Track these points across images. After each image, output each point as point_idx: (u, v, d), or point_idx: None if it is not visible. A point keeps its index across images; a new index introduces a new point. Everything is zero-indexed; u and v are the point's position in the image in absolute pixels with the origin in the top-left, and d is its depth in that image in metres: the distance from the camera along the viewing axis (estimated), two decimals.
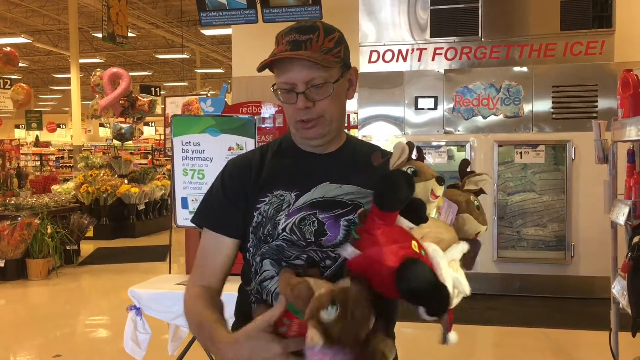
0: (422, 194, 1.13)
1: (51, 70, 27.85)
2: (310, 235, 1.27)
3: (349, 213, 1.28)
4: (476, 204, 1.24)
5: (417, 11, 6.36)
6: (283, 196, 1.31)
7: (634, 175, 3.13)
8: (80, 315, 5.93)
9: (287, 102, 1.30)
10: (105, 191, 9.92)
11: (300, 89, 1.28)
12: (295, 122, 1.32)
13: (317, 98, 1.29)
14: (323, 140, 1.36)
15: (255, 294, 1.32)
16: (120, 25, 9.80)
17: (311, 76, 1.27)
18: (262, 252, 1.30)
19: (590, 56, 5.94)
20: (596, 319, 5.03)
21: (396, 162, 1.16)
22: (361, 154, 1.40)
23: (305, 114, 1.29)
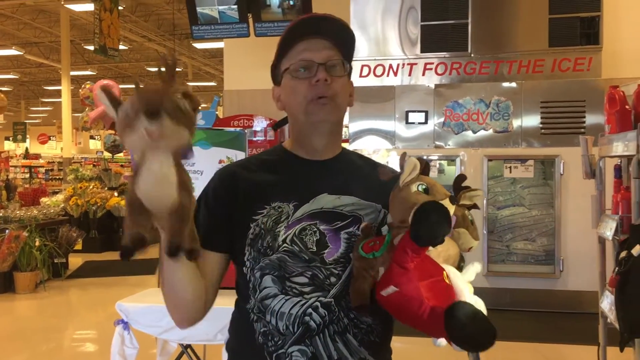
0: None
1: (42, 82, 27.77)
2: (313, 245, 1.24)
3: (349, 225, 1.26)
4: (470, 218, 1.24)
5: (407, 27, 6.42)
6: (281, 207, 1.27)
7: (621, 191, 3.16)
8: (67, 329, 5.88)
9: (304, 78, 1.28)
10: (94, 204, 9.87)
11: (320, 62, 1.27)
12: (308, 103, 1.28)
13: (334, 74, 1.28)
14: (332, 128, 1.33)
15: (257, 313, 1.26)
16: (112, 38, 9.81)
17: (329, 54, 1.28)
18: (261, 266, 1.25)
19: (578, 72, 6.01)
20: (585, 333, 5.03)
21: (406, 179, 1.14)
22: (356, 164, 1.40)
23: (323, 89, 1.27)
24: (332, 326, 1.23)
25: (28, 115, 34.57)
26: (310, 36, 1.29)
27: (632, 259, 2.35)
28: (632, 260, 2.35)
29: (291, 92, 1.31)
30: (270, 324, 1.24)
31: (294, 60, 1.29)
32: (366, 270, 1.14)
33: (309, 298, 1.23)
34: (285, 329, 1.22)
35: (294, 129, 1.37)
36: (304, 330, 1.22)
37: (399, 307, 1.05)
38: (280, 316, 1.23)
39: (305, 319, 1.22)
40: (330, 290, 1.23)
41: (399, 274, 1.05)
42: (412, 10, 6.39)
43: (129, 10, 17.15)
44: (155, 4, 17.44)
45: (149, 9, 18.14)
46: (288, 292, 1.23)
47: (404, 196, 1.13)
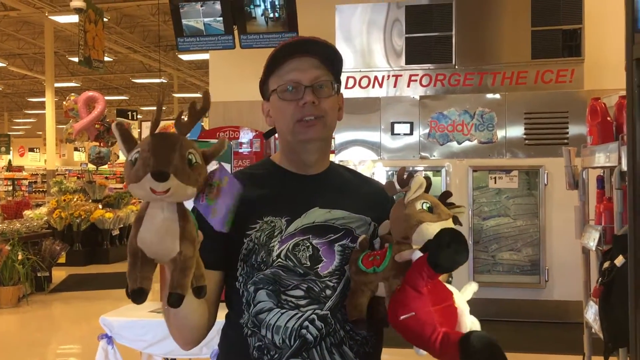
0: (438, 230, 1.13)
1: (26, 94, 27.55)
2: (306, 260, 1.25)
3: (342, 238, 1.28)
4: None
5: (392, 38, 6.46)
6: (274, 222, 1.28)
7: (604, 201, 3.19)
8: (50, 344, 5.79)
9: (291, 99, 1.28)
10: (78, 216, 9.76)
11: (307, 84, 1.28)
12: (295, 123, 1.29)
13: (322, 96, 1.29)
14: (319, 145, 1.34)
15: (252, 327, 1.26)
16: (97, 50, 9.77)
17: (317, 74, 1.29)
18: (254, 281, 1.25)
19: (560, 84, 6.08)
20: (570, 343, 5.05)
21: (412, 196, 1.15)
22: (345, 178, 1.41)
23: (311, 110, 1.28)
24: (329, 338, 1.24)
25: (11, 127, 34.23)
26: (298, 55, 1.30)
27: (616, 270, 2.37)
28: (616, 271, 2.37)
29: (279, 113, 1.32)
30: (265, 338, 1.24)
31: (281, 80, 1.30)
32: (365, 285, 1.16)
33: (305, 311, 1.23)
34: (281, 343, 1.23)
35: (283, 145, 1.38)
36: (301, 344, 1.23)
37: (412, 330, 1.06)
38: (276, 330, 1.23)
39: (302, 332, 1.23)
40: (326, 303, 1.24)
41: (414, 298, 1.06)
42: (396, 23, 6.44)
43: (114, 22, 17.10)
44: (141, 15, 17.41)
45: (134, 21, 18.10)
46: (284, 306, 1.24)
47: (409, 213, 1.14)
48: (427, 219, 1.12)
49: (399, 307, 1.08)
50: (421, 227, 1.12)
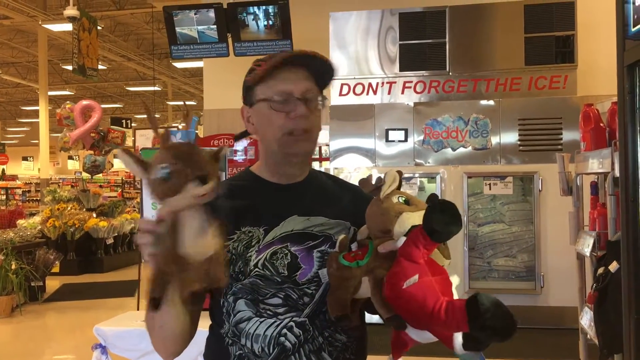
0: (418, 221, 1.13)
1: (19, 102, 27.49)
2: (284, 269, 1.25)
3: (321, 245, 1.28)
4: None
5: (386, 46, 6.48)
6: (251, 232, 1.28)
7: (598, 207, 3.20)
8: (44, 354, 5.74)
9: (282, 110, 1.27)
10: (72, 225, 9.72)
11: (299, 97, 1.27)
12: (283, 135, 1.28)
13: (311, 109, 1.29)
14: (305, 159, 1.34)
15: (232, 337, 1.27)
16: (91, 58, 9.77)
17: (308, 87, 1.29)
18: (234, 291, 1.26)
19: (554, 90, 6.10)
20: (566, 349, 5.05)
21: (387, 190, 1.17)
22: (324, 184, 1.41)
23: (301, 123, 1.27)
24: (307, 345, 1.24)
25: (5, 136, 34.13)
26: (291, 65, 1.30)
27: (610, 275, 2.37)
28: (610, 277, 2.37)
29: (267, 122, 1.31)
30: (245, 347, 1.25)
31: (272, 90, 1.29)
32: (347, 280, 1.15)
33: (283, 319, 1.24)
34: (260, 351, 1.23)
35: (265, 155, 1.38)
36: (280, 351, 1.23)
37: (415, 300, 1.04)
38: (255, 338, 1.24)
39: (280, 339, 1.23)
40: (304, 310, 1.24)
41: (413, 268, 1.06)
42: (390, 30, 6.46)
43: (108, 30, 17.11)
44: (135, 23, 17.43)
45: (128, 29, 18.12)
46: (262, 314, 1.25)
47: (387, 207, 1.15)
48: (406, 210, 1.14)
49: (399, 278, 1.07)
50: (402, 217, 1.13)
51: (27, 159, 25.35)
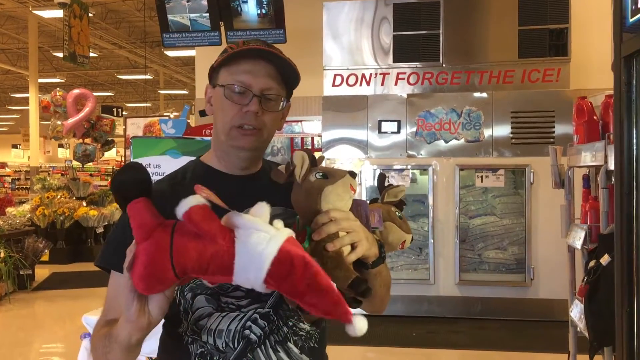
0: (342, 189, 1.13)
1: (9, 89, 27.24)
2: None
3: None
4: (398, 214, 1.29)
5: (380, 36, 6.45)
6: None
7: (590, 200, 3.20)
8: (33, 343, 5.72)
9: (237, 102, 1.25)
10: (62, 214, 9.66)
11: (256, 93, 1.25)
12: (231, 128, 1.26)
13: (266, 109, 1.26)
14: (252, 154, 1.32)
15: (191, 335, 1.23)
16: (82, 45, 9.67)
17: (269, 85, 1.26)
18: (191, 287, 1.22)
19: (547, 83, 6.10)
20: (555, 341, 5.09)
21: (301, 172, 1.14)
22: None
23: (251, 120, 1.25)
24: (273, 336, 1.23)
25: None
26: (258, 57, 1.26)
27: (601, 268, 2.37)
28: (601, 270, 2.38)
29: (220, 109, 1.29)
30: (207, 343, 1.21)
31: (232, 78, 1.26)
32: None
33: (247, 311, 1.22)
34: (224, 347, 1.21)
35: (215, 143, 1.36)
36: (245, 345, 1.21)
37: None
38: (219, 334, 1.21)
39: (245, 332, 1.21)
40: (267, 301, 1.22)
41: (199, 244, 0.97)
42: (384, 21, 6.43)
43: (99, 17, 16.95)
44: (126, 11, 17.27)
45: (120, 16, 17.95)
46: (224, 309, 1.22)
47: (307, 188, 1.13)
48: (327, 184, 1.12)
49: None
50: (325, 193, 1.11)
51: (16, 147, 25.15)
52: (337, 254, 1.10)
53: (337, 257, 1.10)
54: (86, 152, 10.24)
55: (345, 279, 1.07)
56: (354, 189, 1.15)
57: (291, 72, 1.29)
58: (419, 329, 5.66)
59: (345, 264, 1.10)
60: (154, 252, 0.93)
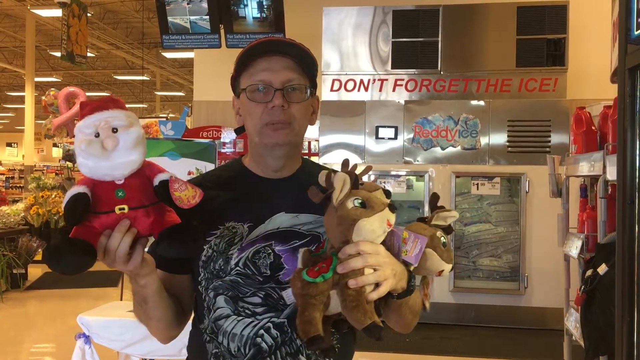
0: (378, 225, 1.07)
1: (5, 87, 27.12)
2: (266, 269, 1.21)
3: (307, 245, 1.22)
4: (443, 240, 1.20)
5: (378, 43, 6.47)
6: (235, 228, 1.24)
7: (587, 210, 3.22)
8: (25, 342, 5.68)
9: (261, 101, 1.24)
10: (56, 213, 9.62)
11: (278, 87, 1.24)
12: (262, 126, 1.25)
13: (292, 100, 1.25)
14: (287, 150, 1.29)
15: (210, 333, 1.24)
16: (80, 45, 9.65)
17: (289, 76, 1.25)
18: (214, 286, 1.23)
19: (544, 92, 6.13)
20: (549, 350, 5.10)
21: (340, 196, 1.07)
22: (316, 177, 1.36)
23: (278, 114, 1.23)
24: (285, 347, 1.20)
25: None
26: (272, 54, 1.26)
27: (598, 278, 2.39)
28: (598, 279, 2.39)
29: (247, 113, 1.29)
30: (222, 345, 1.22)
31: (252, 79, 1.26)
32: (314, 297, 1.06)
33: (262, 319, 1.21)
34: (236, 351, 1.20)
35: (251, 147, 1.35)
36: (256, 352, 1.20)
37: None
38: (232, 337, 1.21)
39: (257, 340, 1.20)
40: (283, 311, 1.21)
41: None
42: (383, 27, 6.45)
43: (97, 17, 16.92)
44: (125, 11, 17.25)
45: (118, 17, 17.93)
46: (240, 313, 1.21)
47: (342, 215, 1.07)
48: (362, 216, 1.05)
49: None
50: (359, 225, 1.05)
51: (11, 145, 25.04)
52: (359, 293, 1.05)
53: (358, 297, 1.04)
54: (69, 152, 10.21)
55: (361, 322, 1.04)
56: (390, 225, 1.09)
57: (307, 57, 1.29)
58: (412, 335, 5.66)
59: (364, 307, 1.04)
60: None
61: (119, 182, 1.06)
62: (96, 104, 1.08)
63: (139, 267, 1.11)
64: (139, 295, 1.19)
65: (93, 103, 1.08)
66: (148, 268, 1.14)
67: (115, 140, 1.03)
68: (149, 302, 1.19)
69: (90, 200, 1.04)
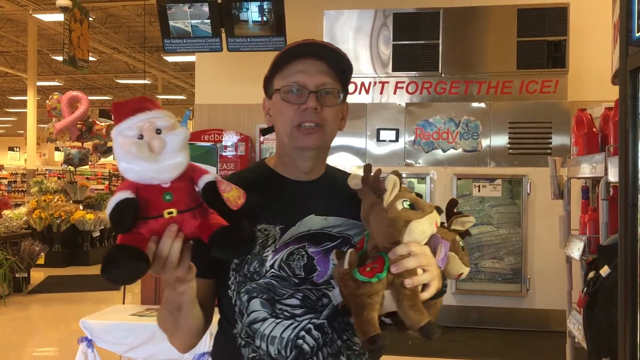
0: (428, 226, 1.10)
1: (7, 92, 27.18)
2: (300, 271, 1.22)
3: (339, 246, 1.24)
4: (461, 244, 1.23)
5: (379, 46, 6.48)
6: (267, 231, 1.24)
7: (588, 212, 3.22)
8: (27, 346, 5.69)
9: (294, 102, 1.25)
10: (58, 217, 9.63)
11: (312, 89, 1.24)
12: (293, 128, 1.25)
13: (325, 104, 1.26)
14: (317, 154, 1.30)
15: (245, 337, 1.23)
16: (82, 49, 9.67)
17: (324, 80, 1.26)
18: (247, 289, 1.22)
19: (545, 94, 6.14)
20: (551, 352, 5.09)
21: (390, 198, 1.10)
22: (341, 184, 1.34)
23: (311, 116, 1.24)
24: (326, 348, 1.21)
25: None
26: (308, 57, 1.27)
27: (601, 280, 2.39)
28: (601, 281, 2.39)
29: (279, 114, 1.29)
30: (260, 348, 1.21)
31: (287, 80, 1.27)
32: (371, 297, 1.07)
33: (301, 320, 1.20)
34: (277, 354, 1.20)
35: (280, 148, 1.35)
36: (297, 354, 1.20)
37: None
38: (272, 340, 1.20)
39: (298, 342, 1.20)
40: (322, 312, 1.21)
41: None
42: (384, 30, 6.46)
43: (99, 22, 16.96)
44: (126, 16, 17.29)
45: (120, 21, 17.97)
46: (279, 315, 1.21)
47: (393, 217, 1.09)
48: (414, 217, 1.09)
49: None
50: (410, 227, 1.08)
51: (13, 149, 25.07)
52: (414, 293, 1.07)
53: (414, 297, 1.06)
54: (69, 157, 10.22)
55: (418, 321, 1.05)
56: (437, 226, 1.13)
57: (342, 62, 1.29)
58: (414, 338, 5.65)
59: (420, 307, 1.06)
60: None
61: (165, 185, 1.01)
62: (136, 105, 1.02)
63: (186, 272, 1.08)
64: (174, 302, 1.15)
65: (131, 104, 1.03)
66: (192, 273, 1.11)
67: (162, 142, 0.99)
68: (183, 310, 1.16)
69: (139, 206, 1.00)
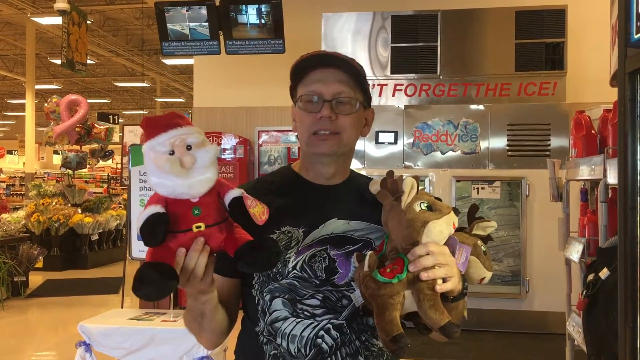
0: (445, 226, 1.13)
1: (5, 95, 27.17)
2: (322, 273, 1.26)
3: (360, 250, 1.27)
4: (483, 249, 1.25)
5: (378, 48, 6.48)
6: (291, 233, 1.28)
7: (587, 214, 3.21)
8: (25, 350, 5.67)
9: (309, 111, 1.30)
10: (57, 220, 9.61)
11: (327, 99, 1.29)
12: (310, 135, 1.31)
13: (340, 112, 1.30)
14: (334, 160, 1.34)
15: (267, 335, 1.27)
16: (80, 53, 9.66)
17: (339, 90, 1.30)
18: (270, 289, 1.26)
19: (543, 96, 6.14)
20: (551, 354, 5.09)
21: (407, 200, 1.14)
22: (364, 187, 1.38)
23: (326, 125, 1.29)
24: (344, 348, 1.24)
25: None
26: (326, 66, 1.32)
27: (600, 282, 2.38)
28: (600, 283, 2.38)
29: (299, 121, 1.35)
30: (281, 346, 1.25)
31: (305, 89, 1.32)
32: (392, 297, 1.10)
33: (321, 320, 1.24)
34: (297, 352, 1.24)
35: (302, 154, 1.41)
36: (316, 353, 1.23)
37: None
38: (292, 339, 1.24)
39: (317, 341, 1.23)
40: (342, 312, 1.25)
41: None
42: (382, 32, 6.46)
43: (97, 25, 16.97)
44: (124, 19, 17.30)
45: (118, 24, 17.98)
46: (299, 315, 1.25)
47: (411, 218, 1.12)
48: (431, 218, 1.11)
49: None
50: (429, 227, 1.11)
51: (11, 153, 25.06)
52: (435, 293, 1.09)
53: (434, 297, 1.09)
54: (67, 160, 10.20)
55: (438, 321, 1.07)
56: (455, 227, 1.16)
57: (358, 73, 1.33)
58: (413, 340, 5.60)
59: (441, 307, 1.09)
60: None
61: (194, 200, 1.04)
62: (168, 121, 1.06)
63: (209, 285, 1.12)
64: (197, 310, 1.20)
65: (163, 120, 1.06)
66: (214, 286, 1.16)
67: (193, 158, 1.02)
68: (207, 316, 1.21)
69: (170, 220, 1.02)
